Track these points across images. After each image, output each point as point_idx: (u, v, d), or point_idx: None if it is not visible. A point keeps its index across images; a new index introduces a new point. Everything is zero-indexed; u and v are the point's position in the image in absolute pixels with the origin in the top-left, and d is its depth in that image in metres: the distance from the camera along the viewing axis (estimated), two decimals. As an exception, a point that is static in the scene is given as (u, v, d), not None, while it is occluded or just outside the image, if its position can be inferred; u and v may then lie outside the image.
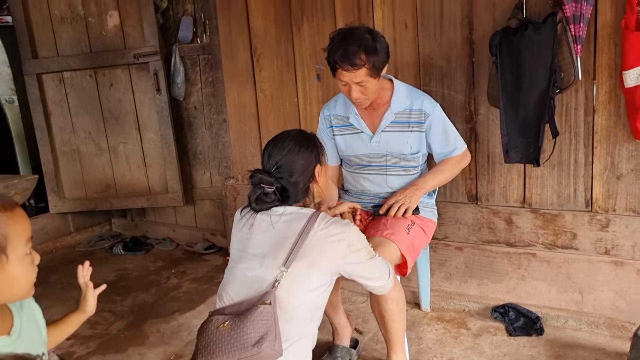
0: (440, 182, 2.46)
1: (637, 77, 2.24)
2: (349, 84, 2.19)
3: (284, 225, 1.75)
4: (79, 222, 4.26)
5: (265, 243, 1.74)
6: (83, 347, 2.73)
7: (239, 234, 1.83)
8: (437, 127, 2.39)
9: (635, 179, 2.43)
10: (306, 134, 1.93)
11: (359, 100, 2.26)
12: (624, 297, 2.54)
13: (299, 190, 1.83)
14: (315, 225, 1.73)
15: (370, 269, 1.85)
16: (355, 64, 2.12)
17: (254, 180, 1.79)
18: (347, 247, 1.75)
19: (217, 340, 1.60)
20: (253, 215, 1.80)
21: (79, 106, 3.92)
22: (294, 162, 1.81)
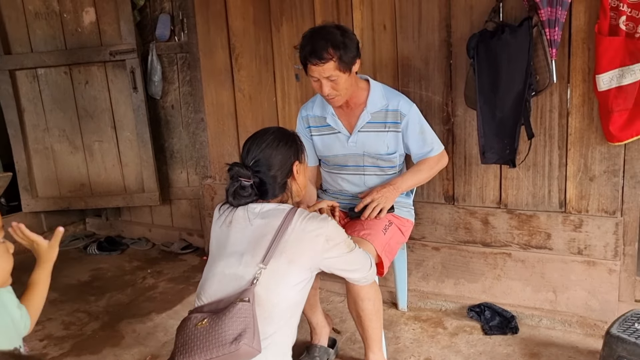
0: (417, 182, 2.47)
1: (609, 81, 2.30)
2: (320, 79, 2.21)
3: (262, 222, 1.75)
4: (52, 221, 4.18)
5: (244, 240, 1.74)
6: (57, 348, 2.68)
7: (217, 231, 1.83)
8: (413, 127, 2.40)
9: (607, 181, 2.48)
10: (286, 130, 1.94)
11: (331, 96, 2.26)
12: (596, 296, 2.59)
13: (277, 185, 1.82)
14: (293, 221, 1.73)
15: (351, 262, 1.86)
16: (322, 58, 2.14)
17: (232, 173, 1.79)
18: (325, 242, 1.75)
19: (195, 338, 1.59)
20: (231, 212, 1.80)
21: (54, 103, 3.86)
22: (272, 157, 1.81)
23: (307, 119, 2.52)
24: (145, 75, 3.76)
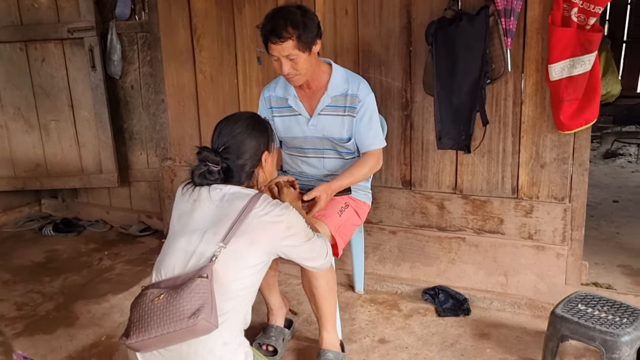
0: (357, 180, 2.42)
1: (561, 71, 2.37)
2: (279, 58, 2.21)
3: (226, 204, 1.76)
4: (6, 202, 4.09)
5: (207, 219, 1.74)
6: (9, 329, 2.64)
7: (180, 208, 1.83)
8: (364, 115, 2.40)
9: (557, 168, 2.57)
10: (259, 118, 1.94)
11: (290, 75, 2.27)
12: (545, 279, 2.69)
13: (244, 173, 1.84)
14: (256, 205, 1.74)
15: (308, 251, 1.89)
16: (281, 36, 2.15)
17: (200, 157, 1.79)
18: (286, 229, 1.77)
19: (152, 313, 1.59)
20: (196, 191, 1.79)
21: (8, 80, 3.75)
22: (243, 145, 1.82)
23: (269, 99, 2.52)
24: (104, 54, 3.69)
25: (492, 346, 2.44)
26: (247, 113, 1.97)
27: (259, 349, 2.38)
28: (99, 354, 2.45)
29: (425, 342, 2.49)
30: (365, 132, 2.39)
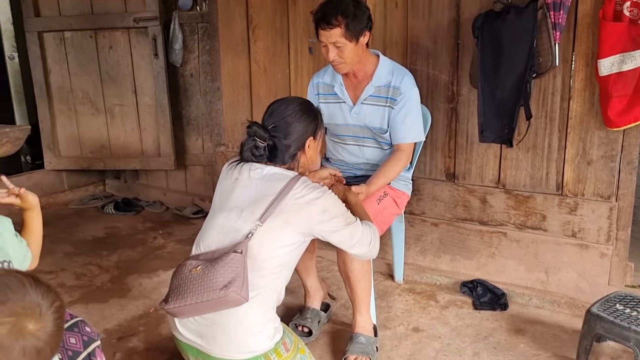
0: (387, 182, 2.45)
1: (610, 66, 2.33)
2: (327, 44, 2.30)
3: (266, 184, 1.84)
4: (73, 180, 4.37)
5: (246, 197, 1.84)
6: (66, 296, 2.85)
7: (223, 186, 1.93)
8: (403, 107, 2.42)
9: (604, 165, 2.52)
10: (311, 105, 2.03)
11: (336, 62, 2.34)
12: (587, 278, 2.64)
13: (288, 154, 1.91)
14: (295, 187, 1.82)
15: (347, 236, 1.90)
16: (330, 23, 2.24)
17: (250, 132, 1.89)
18: (322, 212, 1.83)
19: (189, 282, 1.71)
20: (238, 169, 1.89)
21: (78, 66, 4.00)
22: (291, 126, 1.90)
23: (317, 86, 2.61)
24: (166, 43, 3.87)
25: (526, 342, 2.42)
26: (300, 98, 2.06)
27: (295, 330, 2.46)
28: (146, 324, 2.61)
29: (458, 333, 2.50)
30: (399, 125, 2.43)
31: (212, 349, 1.77)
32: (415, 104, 2.47)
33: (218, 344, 1.76)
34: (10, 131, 2.56)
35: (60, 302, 1.08)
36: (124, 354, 2.38)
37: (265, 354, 1.79)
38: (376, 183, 2.35)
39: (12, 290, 1.01)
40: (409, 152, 2.48)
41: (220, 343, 1.76)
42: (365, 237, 1.95)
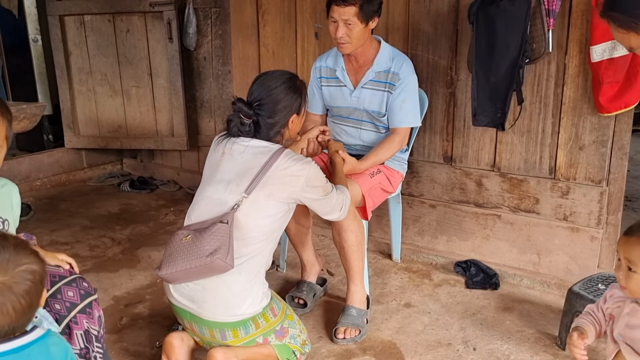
0: (377, 162, 2.55)
1: (602, 53, 2.37)
2: (338, 21, 2.38)
3: (251, 157, 1.96)
4: (92, 158, 4.55)
5: (232, 170, 1.96)
6: (80, 265, 2.94)
7: (211, 159, 2.06)
8: (401, 92, 2.52)
9: (595, 150, 2.57)
10: (297, 81, 2.11)
11: (342, 40, 2.42)
12: (577, 261, 2.71)
13: (272, 131, 2.03)
14: (279, 159, 1.94)
15: (326, 205, 2.06)
16: (346, 0, 2.32)
17: (235, 108, 2.00)
18: (305, 183, 1.95)
19: (179, 250, 1.84)
20: (227, 144, 2.01)
21: (97, 49, 4.16)
22: (276, 105, 2.01)
23: (320, 69, 2.70)
24: (181, 27, 3.99)
25: (512, 319, 2.51)
26: (287, 74, 2.11)
27: (291, 301, 2.59)
28: (152, 292, 2.76)
29: (448, 309, 2.60)
30: (397, 110, 2.52)
31: (203, 312, 1.90)
32: (412, 90, 2.56)
33: (208, 308, 1.89)
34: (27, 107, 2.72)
35: (36, 267, 1.14)
36: (129, 318, 2.53)
37: (253, 317, 1.92)
38: (366, 161, 2.47)
39: None
40: (404, 135, 2.57)
41: (210, 307, 1.89)
42: (338, 203, 2.09)
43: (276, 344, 1.99)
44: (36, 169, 4.25)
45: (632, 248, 1.40)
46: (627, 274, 1.42)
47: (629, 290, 1.45)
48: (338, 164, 2.32)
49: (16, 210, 1.69)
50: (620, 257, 1.45)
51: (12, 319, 1.11)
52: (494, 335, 2.39)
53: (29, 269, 1.13)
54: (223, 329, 1.91)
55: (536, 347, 2.31)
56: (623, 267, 1.43)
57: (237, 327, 1.91)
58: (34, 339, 1.16)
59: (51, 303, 1.72)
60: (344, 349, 2.30)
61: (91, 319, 1.69)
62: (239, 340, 1.93)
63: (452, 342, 2.35)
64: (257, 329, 1.94)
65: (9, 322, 1.11)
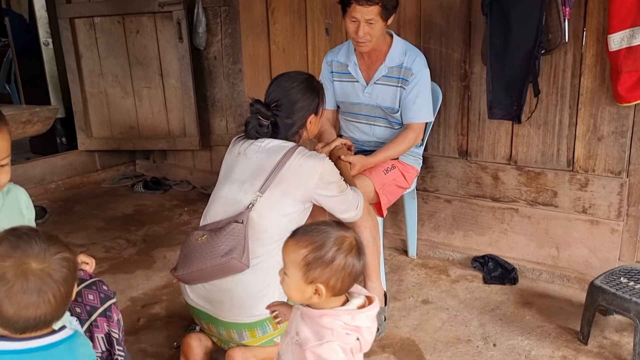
0: (388, 158, 2.51)
1: (620, 41, 2.33)
2: (359, 21, 2.32)
3: (265, 156, 1.95)
4: (105, 160, 4.55)
5: (247, 170, 1.95)
6: (96, 267, 2.98)
7: (228, 159, 2.05)
8: (414, 87, 2.49)
9: (614, 141, 2.53)
10: (314, 81, 2.10)
11: (363, 40, 2.36)
12: (597, 254, 2.66)
13: (290, 132, 2.01)
14: (292, 157, 1.92)
15: (340, 202, 2.04)
16: (370, 0, 2.26)
17: (253, 109, 1.99)
18: (319, 179, 1.93)
19: (195, 251, 1.83)
20: (240, 144, 2.00)
21: (108, 51, 4.16)
22: (294, 105, 1.99)
23: (331, 64, 2.67)
24: (190, 27, 3.98)
25: (532, 314, 2.48)
26: (304, 74, 2.11)
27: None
28: (169, 293, 2.76)
29: (466, 305, 2.57)
30: (410, 105, 2.49)
31: (220, 313, 1.89)
32: (426, 85, 2.52)
33: (225, 309, 1.88)
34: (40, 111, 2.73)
35: (70, 255, 1.16)
36: (147, 319, 2.53)
37: (270, 318, 1.89)
38: (376, 156, 2.44)
39: (24, 239, 1.11)
40: (418, 131, 2.53)
41: (226, 307, 1.88)
42: (354, 201, 2.07)
43: (294, 343, 1.97)
44: (50, 172, 4.26)
45: (286, 250, 1.36)
46: (283, 275, 1.37)
47: (284, 292, 1.40)
48: (343, 167, 2.27)
49: (28, 214, 1.68)
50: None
51: (53, 308, 1.11)
52: (514, 331, 2.35)
53: (64, 257, 1.14)
54: (240, 329, 1.90)
55: (558, 342, 2.27)
56: (282, 269, 1.38)
57: (254, 328, 1.89)
58: (63, 338, 1.16)
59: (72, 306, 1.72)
60: (362, 347, 2.28)
61: (111, 322, 1.69)
62: (257, 340, 1.92)
63: (471, 338, 2.32)
64: (275, 330, 1.92)
65: (50, 311, 1.11)
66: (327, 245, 1.30)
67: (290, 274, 1.33)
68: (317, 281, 1.30)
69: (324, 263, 1.30)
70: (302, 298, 1.34)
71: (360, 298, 1.37)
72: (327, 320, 1.31)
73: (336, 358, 1.27)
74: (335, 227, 1.34)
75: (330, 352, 1.27)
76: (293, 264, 1.32)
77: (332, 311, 1.33)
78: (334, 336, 1.29)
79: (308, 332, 1.32)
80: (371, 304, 1.36)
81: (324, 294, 1.31)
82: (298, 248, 1.31)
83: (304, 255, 1.30)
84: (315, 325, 1.33)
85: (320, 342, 1.29)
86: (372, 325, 1.36)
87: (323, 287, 1.30)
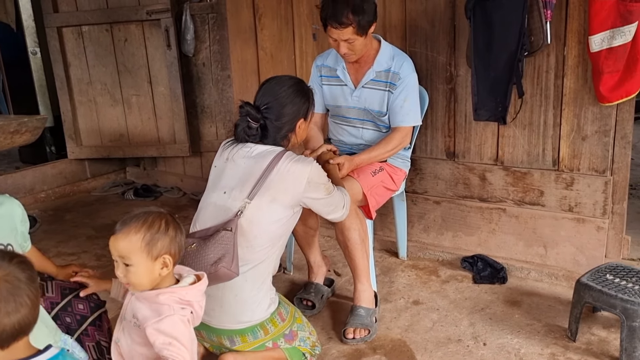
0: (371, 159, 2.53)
1: (601, 42, 2.37)
2: (338, 40, 2.38)
3: (253, 162, 1.96)
4: (95, 168, 4.55)
5: (235, 176, 1.96)
6: None
7: (216, 166, 2.06)
8: (402, 92, 2.52)
9: (598, 141, 2.57)
10: (304, 86, 2.11)
11: (347, 55, 2.46)
12: (584, 252, 2.70)
13: (279, 135, 2.02)
14: (280, 162, 1.93)
15: (328, 204, 2.06)
16: (342, 23, 2.31)
17: (242, 112, 2.00)
18: (307, 183, 1.94)
19: (185, 260, 1.83)
20: (229, 149, 2.01)
21: (96, 59, 4.17)
22: (284, 108, 2.00)
23: (320, 68, 2.71)
24: (178, 34, 4.00)
25: (521, 313, 2.51)
26: (294, 78, 2.12)
27: (299, 304, 2.59)
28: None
29: (456, 305, 2.60)
30: (398, 109, 2.52)
31: (212, 321, 1.90)
32: (413, 89, 2.56)
33: (216, 316, 1.89)
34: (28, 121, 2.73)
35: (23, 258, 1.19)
36: (139, 327, 2.53)
37: (261, 323, 1.92)
38: (361, 156, 2.48)
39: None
40: (405, 134, 2.56)
41: (218, 315, 1.89)
42: (340, 201, 2.10)
43: (286, 347, 1.99)
44: (40, 181, 4.26)
45: (119, 244, 1.46)
46: (125, 270, 1.46)
47: (132, 285, 1.49)
48: (331, 170, 2.29)
49: (21, 227, 1.69)
50: (115, 258, 1.49)
51: (30, 309, 1.12)
52: (504, 330, 2.38)
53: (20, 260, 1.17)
54: (231, 335, 1.91)
55: (546, 339, 2.30)
56: (120, 266, 1.47)
57: (245, 334, 1.91)
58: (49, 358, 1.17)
59: (62, 316, 1.73)
60: (353, 349, 2.30)
61: (101, 331, 1.70)
62: (248, 345, 1.93)
63: (462, 338, 2.35)
64: (266, 335, 1.94)
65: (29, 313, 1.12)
66: (155, 222, 1.47)
67: (135, 262, 1.44)
68: (162, 253, 1.45)
69: (162, 234, 1.46)
70: (152, 279, 1.47)
71: (190, 277, 1.54)
72: (164, 297, 1.45)
73: (178, 329, 1.42)
74: (144, 209, 1.52)
75: (172, 325, 1.42)
76: (134, 251, 1.44)
77: (167, 289, 1.47)
78: (172, 310, 1.43)
79: (147, 311, 1.45)
80: (200, 280, 1.54)
81: (170, 263, 1.47)
82: (131, 236, 1.44)
83: (142, 238, 1.44)
84: (152, 304, 1.45)
85: (160, 317, 1.42)
86: (202, 300, 1.53)
87: (169, 257, 1.46)
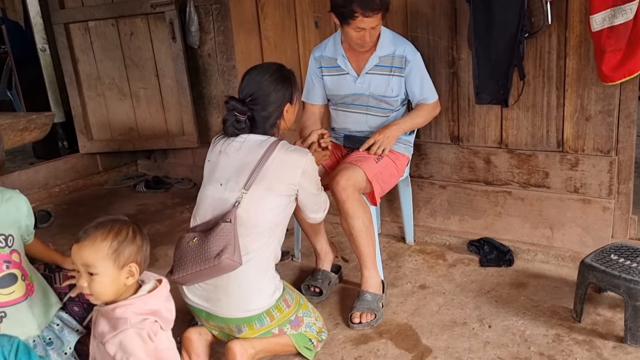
0: (416, 125, 2.68)
1: (602, 21, 2.35)
2: (365, 29, 2.38)
3: (247, 152, 1.99)
4: (107, 162, 4.62)
5: (230, 168, 1.99)
6: None
7: (210, 159, 2.09)
8: (415, 73, 2.59)
9: (602, 121, 2.55)
10: (285, 70, 2.13)
11: (368, 44, 2.48)
12: (591, 233, 2.70)
13: (268, 124, 2.05)
14: (274, 151, 1.96)
15: (315, 202, 2.10)
16: (375, 8, 2.32)
17: (229, 107, 2.03)
18: (302, 174, 1.98)
19: (187, 254, 1.88)
20: (224, 142, 2.04)
21: (103, 54, 4.21)
22: (269, 97, 2.03)
23: (319, 59, 2.71)
24: (183, 26, 4.02)
25: (527, 294, 2.52)
26: (274, 65, 2.14)
27: (307, 290, 2.62)
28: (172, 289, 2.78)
29: (463, 288, 2.61)
30: (419, 89, 2.61)
31: (218, 310, 1.95)
32: (424, 68, 2.62)
33: (222, 306, 1.94)
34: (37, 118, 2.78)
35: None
36: (150, 317, 2.59)
37: (267, 310, 1.96)
38: (402, 124, 2.59)
39: None
40: (435, 104, 2.69)
41: (224, 304, 1.93)
42: (323, 204, 2.15)
43: (292, 333, 2.03)
44: (53, 176, 4.33)
45: (84, 252, 1.42)
46: (89, 280, 1.42)
47: (95, 295, 1.45)
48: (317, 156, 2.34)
49: (25, 221, 1.74)
50: (77, 268, 1.45)
51: None
52: (509, 312, 2.40)
53: None
54: (239, 323, 1.95)
55: (552, 320, 2.31)
56: (84, 275, 1.43)
57: (252, 322, 1.95)
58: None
59: (69, 306, 1.79)
60: (360, 334, 2.33)
61: None
62: (255, 331, 1.97)
63: (467, 320, 2.37)
64: (272, 321, 1.98)
65: None
66: (122, 230, 1.44)
67: (101, 270, 1.40)
68: (129, 262, 1.43)
69: (129, 242, 1.44)
70: (117, 289, 1.44)
71: (150, 283, 1.51)
72: (120, 310, 1.41)
73: (134, 344, 1.37)
74: (109, 217, 1.49)
75: (127, 340, 1.38)
76: (100, 259, 1.40)
77: (124, 302, 1.44)
78: (129, 324, 1.39)
79: (105, 327, 1.43)
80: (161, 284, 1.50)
81: (137, 272, 1.45)
82: (98, 243, 1.41)
83: (109, 245, 1.41)
84: (110, 319, 1.42)
85: (116, 332, 1.39)
86: (168, 303, 1.50)
87: (135, 266, 1.44)
